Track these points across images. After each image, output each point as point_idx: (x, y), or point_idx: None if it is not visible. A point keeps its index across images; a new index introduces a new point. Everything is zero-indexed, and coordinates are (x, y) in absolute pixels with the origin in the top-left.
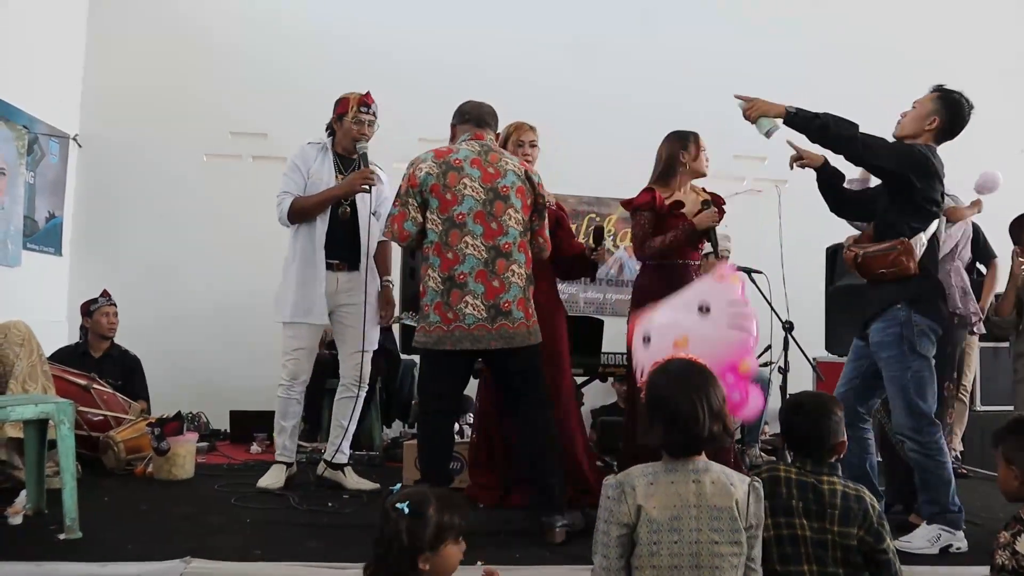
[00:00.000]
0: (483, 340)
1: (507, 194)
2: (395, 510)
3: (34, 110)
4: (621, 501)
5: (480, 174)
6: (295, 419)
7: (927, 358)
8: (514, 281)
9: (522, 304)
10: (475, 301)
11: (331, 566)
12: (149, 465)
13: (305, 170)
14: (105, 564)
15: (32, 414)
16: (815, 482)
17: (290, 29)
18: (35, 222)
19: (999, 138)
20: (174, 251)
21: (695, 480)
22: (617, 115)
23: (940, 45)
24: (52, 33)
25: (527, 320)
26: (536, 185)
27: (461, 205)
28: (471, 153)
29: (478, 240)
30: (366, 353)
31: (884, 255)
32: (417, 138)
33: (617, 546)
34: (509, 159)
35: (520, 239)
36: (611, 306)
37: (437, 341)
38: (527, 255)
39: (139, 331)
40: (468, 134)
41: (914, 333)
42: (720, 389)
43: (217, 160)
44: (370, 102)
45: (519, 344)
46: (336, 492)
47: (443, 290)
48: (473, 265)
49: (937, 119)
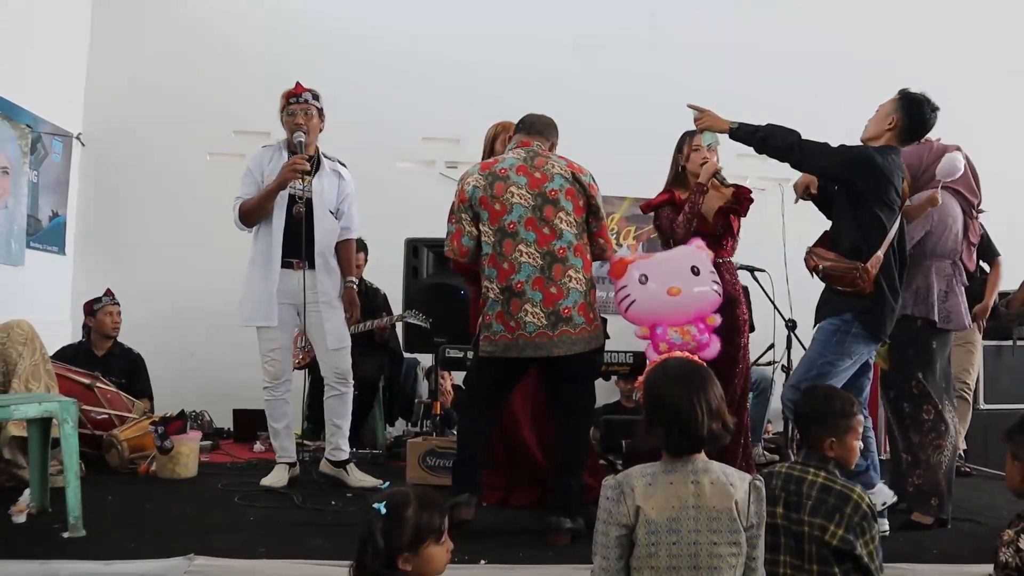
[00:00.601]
0: (546, 347)
1: (556, 197)
2: (372, 510)
3: (37, 109)
4: (620, 502)
5: (527, 180)
6: (287, 419)
7: (848, 357)
8: (572, 286)
9: (583, 309)
10: (534, 309)
11: (334, 564)
12: (152, 464)
13: (259, 173)
14: (109, 562)
15: (36, 413)
16: (800, 474)
17: (294, 28)
18: (38, 221)
19: (1008, 137)
20: (177, 250)
21: (694, 481)
22: (621, 114)
23: (946, 46)
24: (55, 31)
25: (588, 325)
26: (587, 186)
27: (511, 214)
28: (517, 160)
29: (532, 247)
30: (344, 350)
31: (842, 275)
32: (421, 137)
33: (616, 547)
34: (556, 162)
35: (576, 242)
36: (614, 304)
37: (504, 349)
38: (585, 259)
39: (142, 330)
40: (515, 143)
41: (849, 334)
42: (718, 387)
43: (220, 159)
44: (299, 92)
45: (581, 350)
46: (339, 490)
47: (503, 300)
48: (529, 273)
49: (895, 119)
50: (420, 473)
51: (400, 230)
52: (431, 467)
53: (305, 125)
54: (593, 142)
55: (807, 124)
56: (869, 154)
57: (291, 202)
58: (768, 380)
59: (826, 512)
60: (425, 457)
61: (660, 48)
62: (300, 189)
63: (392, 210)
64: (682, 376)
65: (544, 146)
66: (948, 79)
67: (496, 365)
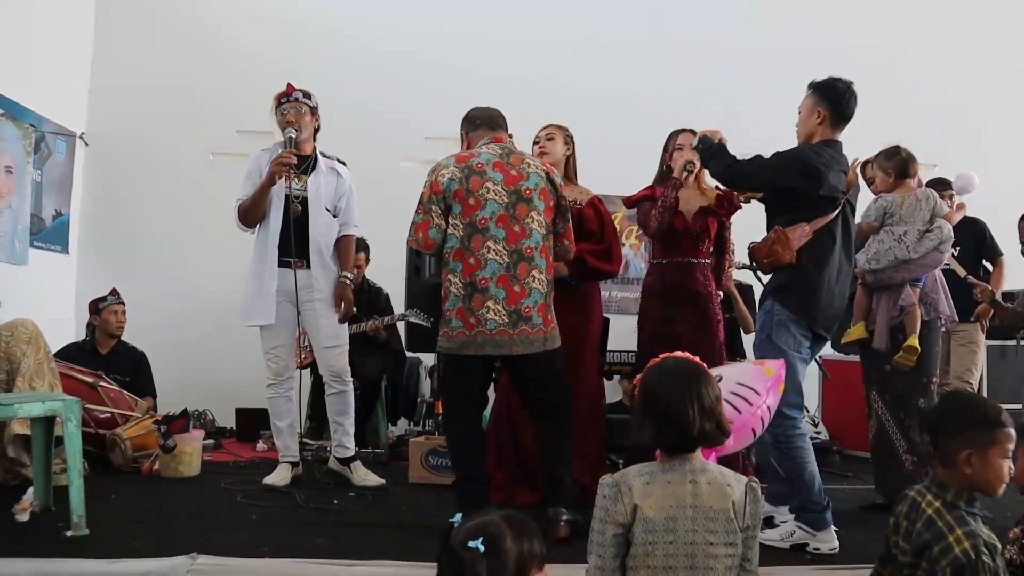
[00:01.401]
0: (505, 345)
1: (530, 196)
2: (468, 550)
3: (41, 108)
4: (617, 500)
5: (503, 177)
6: (290, 417)
7: (783, 351)
8: (535, 287)
9: (542, 310)
10: (496, 306)
11: (337, 563)
12: (155, 462)
13: (258, 175)
14: (112, 561)
15: (39, 411)
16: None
17: (297, 28)
18: (42, 220)
19: (1011, 137)
20: (180, 249)
21: (691, 481)
22: (624, 113)
23: (950, 45)
24: (59, 31)
25: (545, 326)
26: (559, 186)
27: (484, 210)
28: (493, 156)
29: (500, 244)
30: (338, 348)
31: (762, 245)
32: (424, 137)
33: (612, 546)
34: (532, 161)
35: (543, 243)
36: (616, 303)
37: (461, 346)
38: (548, 260)
39: (145, 329)
40: (487, 138)
41: (772, 322)
42: (714, 388)
43: (223, 158)
44: (289, 92)
45: (538, 349)
46: (342, 489)
47: (464, 295)
48: (495, 270)
49: (819, 111)
50: (422, 472)
51: (402, 230)
52: (433, 466)
53: (297, 123)
54: (593, 142)
55: None
56: (800, 154)
57: (287, 201)
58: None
59: (916, 550)
60: (427, 456)
61: (660, 48)
62: (296, 188)
63: (395, 210)
64: (676, 373)
65: (512, 141)
66: (951, 79)
67: (458, 363)
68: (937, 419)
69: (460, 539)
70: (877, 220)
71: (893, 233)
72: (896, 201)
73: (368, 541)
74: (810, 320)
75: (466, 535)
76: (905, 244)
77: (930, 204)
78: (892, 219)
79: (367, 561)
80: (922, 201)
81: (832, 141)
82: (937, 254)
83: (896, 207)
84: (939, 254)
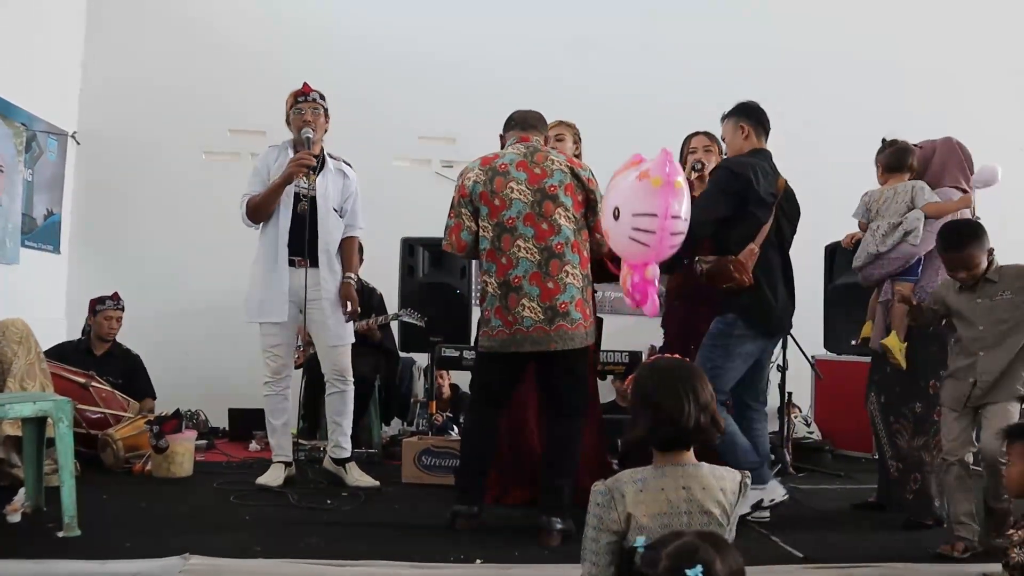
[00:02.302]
0: (543, 342)
1: (555, 193)
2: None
3: (32, 107)
4: (611, 508)
5: (527, 176)
6: (285, 416)
7: (736, 359)
8: (569, 282)
9: (580, 305)
10: (531, 304)
11: (330, 563)
12: (148, 463)
13: (266, 172)
14: (104, 562)
15: (30, 412)
16: None
17: (290, 26)
18: (33, 219)
19: (1005, 136)
20: (173, 249)
21: (684, 487)
22: (617, 113)
23: (945, 46)
24: (51, 30)
25: (585, 321)
26: (585, 180)
27: (510, 209)
28: (517, 156)
29: (530, 243)
30: (342, 347)
31: (719, 272)
32: (417, 136)
33: (607, 553)
34: (556, 157)
35: (573, 238)
36: (610, 303)
37: (502, 344)
38: (582, 255)
39: (137, 329)
40: (514, 138)
41: (733, 336)
42: (707, 387)
43: (216, 157)
44: (307, 91)
45: (578, 345)
46: (335, 489)
47: (501, 295)
48: (527, 268)
49: (743, 126)
50: (416, 472)
51: (396, 229)
52: (426, 466)
53: (313, 123)
54: (588, 141)
55: (804, 124)
56: (725, 171)
57: (296, 200)
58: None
59: None
60: (421, 456)
61: (657, 48)
62: (305, 188)
63: (388, 209)
64: (670, 370)
65: (542, 141)
66: (947, 78)
67: (496, 361)
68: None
69: (669, 566)
70: (863, 216)
71: (871, 228)
72: (875, 195)
73: (360, 541)
74: (772, 332)
75: (677, 561)
76: (875, 239)
77: (907, 196)
78: (871, 214)
79: (360, 561)
80: (900, 194)
81: (759, 150)
82: (907, 246)
83: (875, 201)
84: (909, 246)
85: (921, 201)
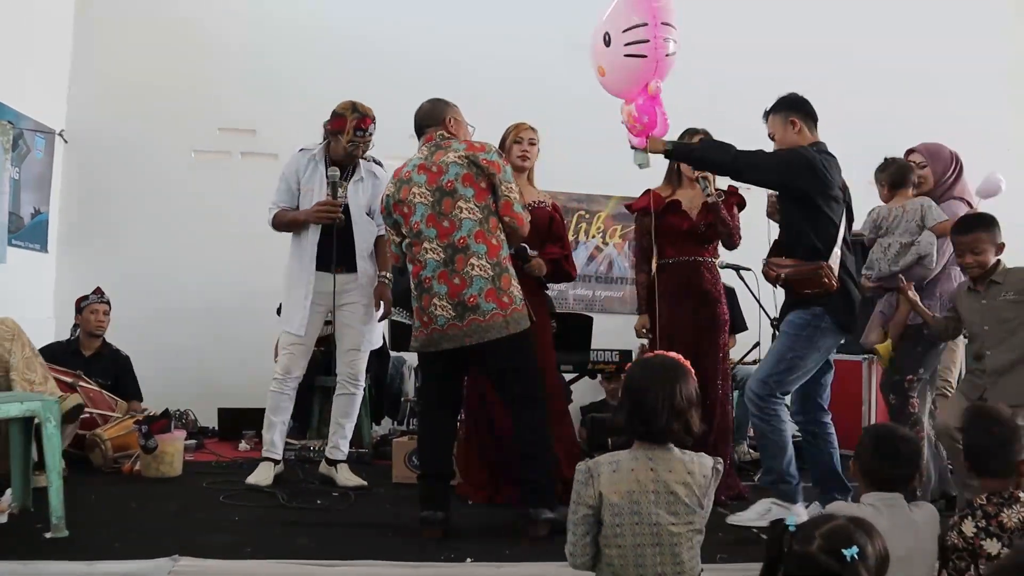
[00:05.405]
0: (457, 338)
1: (453, 188)
2: (840, 558)
3: (19, 105)
4: (588, 485)
5: (426, 178)
6: (285, 415)
7: (817, 351)
8: (476, 274)
9: (492, 295)
10: (441, 302)
11: (320, 563)
12: (137, 463)
13: (295, 181)
14: (92, 563)
15: (17, 412)
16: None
17: (279, 24)
18: (20, 218)
19: (997, 137)
20: (162, 248)
21: (652, 468)
22: (609, 114)
23: (932, 47)
24: (39, 28)
25: (501, 310)
26: (484, 164)
27: (415, 215)
28: (419, 159)
29: (434, 243)
30: (365, 351)
31: (807, 278)
32: (408, 135)
33: (582, 523)
34: (453, 150)
35: (477, 228)
36: (600, 303)
37: (422, 344)
38: (490, 243)
39: (126, 328)
40: (421, 140)
41: (819, 328)
42: (689, 389)
43: (205, 156)
44: (366, 126)
45: (495, 336)
46: (325, 489)
47: (416, 295)
48: (434, 268)
49: (793, 119)
50: (406, 472)
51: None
52: (417, 466)
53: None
54: (582, 142)
55: None
56: (804, 154)
57: None
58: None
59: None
60: (411, 456)
61: None
62: (340, 197)
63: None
64: (655, 368)
65: (443, 130)
66: (932, 80)
67: (428, 364)
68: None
69: (823, 546)
70: (871, 232)
71: (881, 244)
72: (883, 212)
73: (351, 541)
74: (850, 327)
75: (832, 542)
76: (887, 257)
77: (917, 215)
78: (881, 231)
79: (350, 561)
80: (909, 212)
81: (820, 143)
82: (921, 268)
83: (883, 218)
84: (923, 268)
85: (931, 220)
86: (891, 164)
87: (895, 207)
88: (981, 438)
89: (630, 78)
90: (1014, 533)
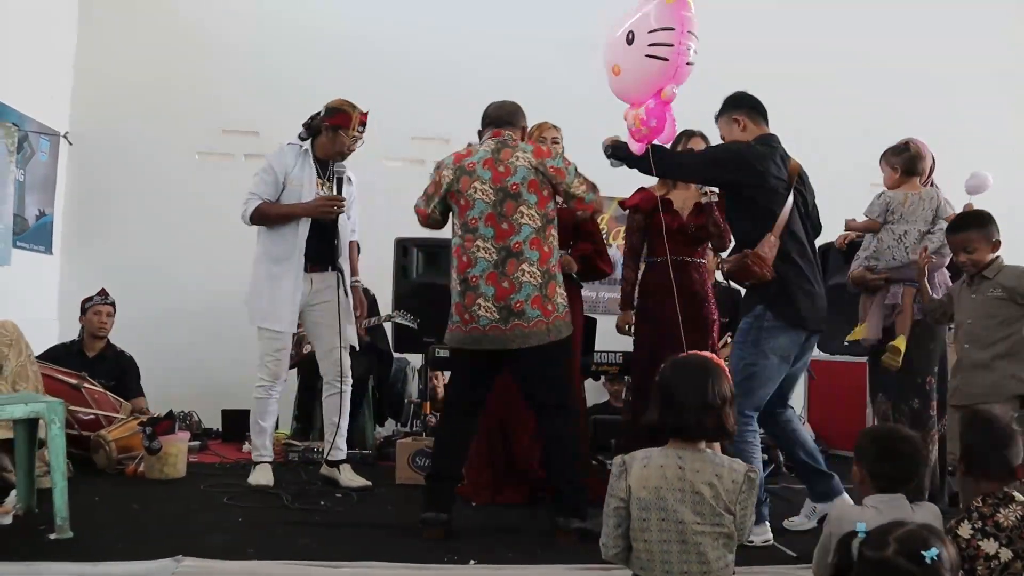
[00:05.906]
0: (499, 341)
1: (518, 191)
2: (924, 562)
3: (24, 107)
4: (621, 477)
5: (491, 175)
6: (274, 418)
7: (770, 354)
8: (525, 280)
9: (537, 302)
10: (486, 303)
11: (323, 564)
12: (140, 464)
13: (282, 173)
14: (96, 564)
15: (22, 413)
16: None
17: (282, 26)
18: (25, 220)
19: (991, 136)
20: (166, 249)
21: (680, 466)
22: (609, 115)
23: (934, 47)
24: (42, 30)
25: (545, 317)
26: (552, 172)
27: (473, 210)
28: (486, 154)
29: (489, 243)
30: (344, 349)
31: (739, 269)
32: (409, 137)
33: (613, 515)
34: (523, 153)
35: (534, 236)
36: (603, 304)
37: (459, 341)
38: (544, 250)
39: (130, 329)
40: (488, 133)
41: (762, 329)
42: (723, 386)
43: (209, 158)
44: (366, 121)
45: (536, 342)
46: (328, 490)
47: (460, 291)
48: (484, 268)
49: (738, 117)
50: (409, 474)
51: (389, 230)
52: (421, 467)
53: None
54: (582, 142)
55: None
56: (731, 148)
57: None
58: None
59: None
60: (415, 457)
61: None
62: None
63: (381, 210)
64: (687, 366)
65: (515, 134)
66: (935, 78)
67: (461, 362)
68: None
69: (900, 550)
70: (880, 216)
71: (893, 232)
72: (899, 198)
73: (354, 542)
74: (802, 326)
75: (910, 545)
76: (904, 245)
77: (933, 204)
78: (893, 216)
79: (353, 562)
80: (925, 200)
81: (765, 135)
82: (939, 258)
83: (898, 204)
84: (941, 258)
85: (946, 212)
86: (907, 149)
87: (911, 194)
88: (977, 441)
89: (646, 79)
90: (1012, 531)
